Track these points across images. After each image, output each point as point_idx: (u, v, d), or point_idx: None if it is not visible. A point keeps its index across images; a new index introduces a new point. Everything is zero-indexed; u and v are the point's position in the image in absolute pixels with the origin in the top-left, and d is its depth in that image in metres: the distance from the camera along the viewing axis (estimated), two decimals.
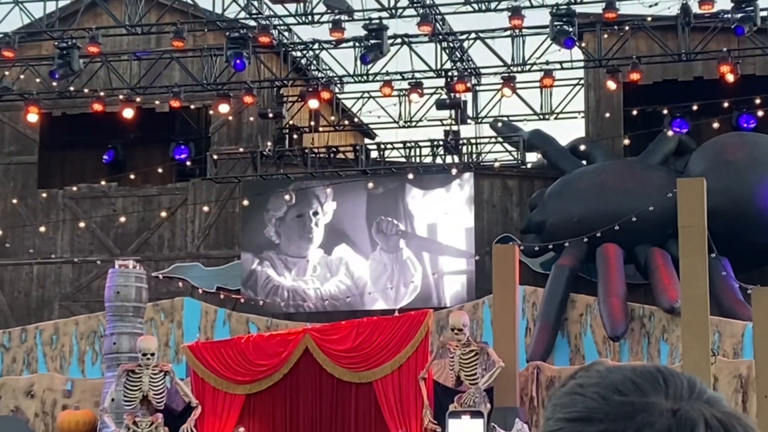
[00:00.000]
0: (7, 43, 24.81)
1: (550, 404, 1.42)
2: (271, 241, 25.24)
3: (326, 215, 25.10)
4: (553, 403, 1.41)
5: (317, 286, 24.83)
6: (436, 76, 25.28)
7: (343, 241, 24.92)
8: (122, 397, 18.84)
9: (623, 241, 22.14)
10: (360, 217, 24.90)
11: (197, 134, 28.37)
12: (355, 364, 19.11)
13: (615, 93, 24.53)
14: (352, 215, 24.92)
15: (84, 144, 28.28)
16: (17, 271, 27.13)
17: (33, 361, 23.93)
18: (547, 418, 1.41)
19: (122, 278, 20.30)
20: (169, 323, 23.78)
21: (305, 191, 25.12)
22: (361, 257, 24.76)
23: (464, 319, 18.96)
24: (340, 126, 28.38)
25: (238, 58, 23.39)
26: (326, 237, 25.04)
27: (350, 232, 24.89)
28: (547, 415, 1.41)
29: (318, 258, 24.97)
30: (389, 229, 24.67)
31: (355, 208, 24.93)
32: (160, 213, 26.53)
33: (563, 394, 1.41)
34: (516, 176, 25.68)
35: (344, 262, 24.80)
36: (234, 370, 19.57)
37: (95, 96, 25.35)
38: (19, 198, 27.27)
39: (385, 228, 24.70)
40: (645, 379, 1.36)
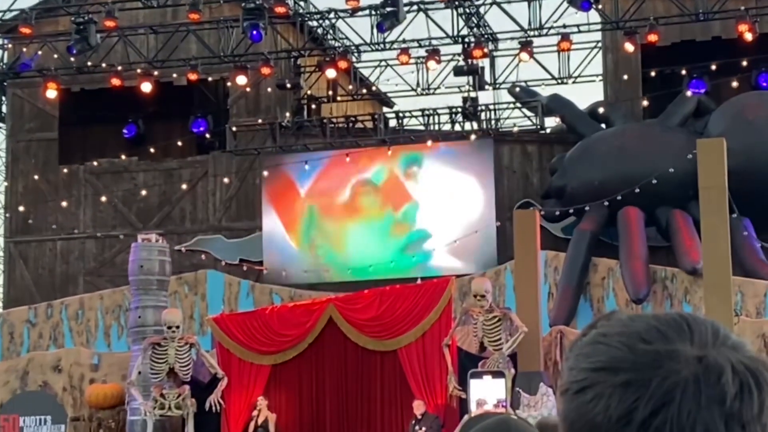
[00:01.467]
0: (24, 19, 24.87)
1: (572, 354, 1.39)
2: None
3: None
4: (575, 353, 1.38)
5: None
6: (453, 42, 25.21)
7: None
8: (149, 370, 18.99)
9: (644, 204, 22.12)
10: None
11: (216, 107, 28.40)
12: (379, 333, 19.19)
13: (633, 55, 24.41)
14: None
15: (103, 119, 28.34)
16: (41, 248, 27.31)
17: (59, 336, 24.13)
18: (570, 368, 1.37)
19: (145, 252, 20.40)
20: (193, 296, 23.93)
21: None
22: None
23: (487, 285, 19.00)
24: (358, 95, 28.36)
25: (254, 29, 23.37)
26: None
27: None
28: (569, 365, 1.38)
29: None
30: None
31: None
32: (181, 186, 26.63)
33: (586, 343, 1.38)
34: (535, 141, 25.64)
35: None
36: (259, 341, 19.68)
37: (113, 71, 25.39)
38: (40, 174, 27.40)
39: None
40: (669, 326, 1.34)
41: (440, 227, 24.47)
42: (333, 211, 25.24)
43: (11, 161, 27.95)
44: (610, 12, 24.07)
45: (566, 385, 1.36)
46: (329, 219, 25.24)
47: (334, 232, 25.22)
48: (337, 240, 25.19)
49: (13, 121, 28.05)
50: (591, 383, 1.32)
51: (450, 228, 24.28)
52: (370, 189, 25.19)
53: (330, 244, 25.17)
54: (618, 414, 1.29)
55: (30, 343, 24.14)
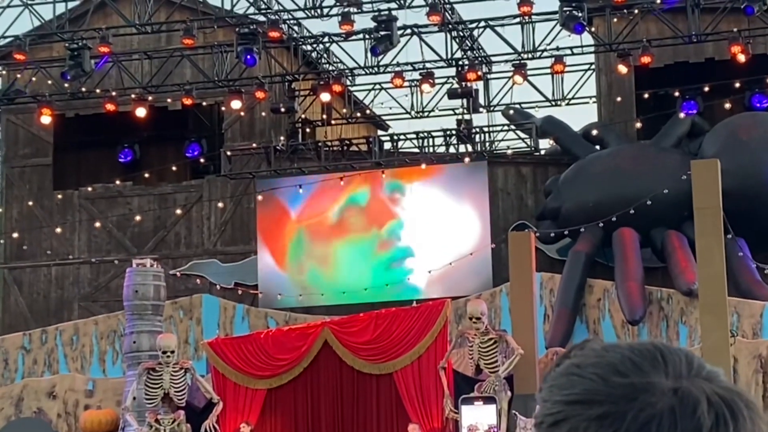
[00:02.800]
0: (18, 45, 24.90)
1: (546, 385, 1.37)
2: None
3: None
4: (549, 384, 1.37)
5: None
6: (447, 65, 25.27)
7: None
8: (144, 396, 18.91)
9: (639, 225, 22.13)
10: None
11: (210, 131, 28.44)
12: (374, 356, 19.14)
13: (626, 77, 24.48)
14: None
15: (98, 144, 28.36)
16: (35, 273, 27.26)
17: (54, 362, 24.06)
18: (543, 399, 1.36)
19: (140, 277, 20.37)
20: (188, 320, 23.88)
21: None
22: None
23: (482, 307, 18.97)
24: (353, 118, 28.40)
25: (248, 54, 23.43)
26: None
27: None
28: (543, 396, 1.36)
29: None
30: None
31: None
32: (176, 211, 26.61)
33: (559, 374, 1.36)
34: (530, 163, 25.66)
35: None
36: (254, 365, 19.62)
37: (107, 96, 25.42)
38: (35, 200, 27.39)
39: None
40: (644, 357, 1.32)
41: (434, 250, 24.45)
42: (321, 233, 25.24)
43: (6, 187, 27.93)
44: (604, 34, 24.15)
45: (540, 418, 1.34)
46: (318, 241, 25.23)
47: (322, 254, 25.20)
48: (324, 261, 25.17)
49: (7, 147, 28.05)
50: (565, 416, 1.31)
51: (444, 250, 24.26)
52: (357, 211, 25.19)
53: (318, 265, 25.15)
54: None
55: (24, 369, 24.06)
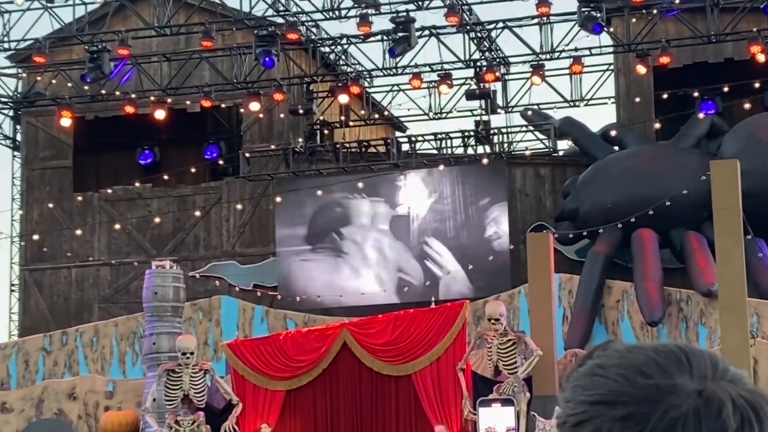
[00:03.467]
0: (38, 48, 25.02)
1: (569, 385, 1.37)
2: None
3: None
4: (572, 384, 1.36)
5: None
6: (465, 66, 25.27)
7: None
8: (163, 397, 18.98)
9: (658, 226, 22.08)
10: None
11: (229, 133, 28.52)
12: (393, 357, 19.16)
13: (645, 77, 24.43)
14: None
15: (117, 146, 28.48)
16: (56, 275, 27.38)
17: (74, 364, 24.15)
18: (566, 399, 1.36)
19: (159, 279, 20.44)
20: (208, 322, 23.94)
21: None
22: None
23: (501, 308, 18.97)
24: (371, 120, 28.43)
25: (267, 56, 23.48)
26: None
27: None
28: (566, 396, 1.36)
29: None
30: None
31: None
32: (195, 213, 26.69)
33: (582, 375, 1.35)
34: (548, 164, 25.64)
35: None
36: (273, 367, 19.66)
37: (127, 98, 25.52)
38: (55, 202, 27.50)
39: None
40: (668, 358, 1.32)
41: (453, 251, 24.45)
42: None
43: (26, 189, 28.06)
44: (622, 35, 24.11)
45: (563, 418, 1.34)
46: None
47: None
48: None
49: (27, 150, 28.18)
50: (589, 417, 1.30)
51: (463, 252, 24.27)
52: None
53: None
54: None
55: (45, 370, 24.16)
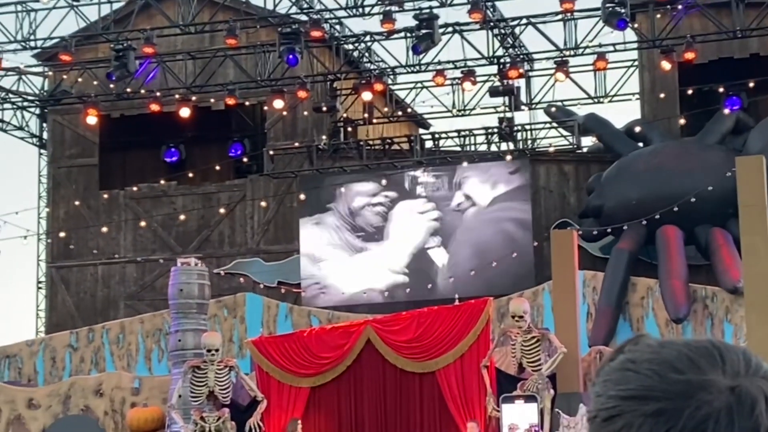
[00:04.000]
0: (64, 46, 25.15)
1: (600, 380, 1.35)
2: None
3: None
4: (603, 378, 1.35)
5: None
6: (489, 63, 25.26)
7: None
8: (189, 393, 19.06)
9: (683, 223, 22.02)
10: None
11: (253, 131, 28.60)
12: (417, 354, 19.18)
13: (670, 73, 24.34)
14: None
15: (142, 144, 28.61)
16: (82, 272, 27.54)
17: (101, 361, 24.30)
18: (597, 394, 1.34)
19: (185, 276, 20.52)
20: (232, 319, 24.03)
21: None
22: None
23: (525, 305, 18.95)
24: (394, 117, 28.44)
25: (290, 54, 23.52)
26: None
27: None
28: (597, 390, 1.35)
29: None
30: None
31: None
32: (220, 210, 26.79)
33: (614, 369, 1.34)
34: (572, 161, 25.60)
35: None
36: (298, 364, 19.72)
37: (152, 96, 25.63)
38: (81, 200, 27.67)
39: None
40: (701, 354, 1.31)
41: (476, 248, 24.45)
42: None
43: (52, 187, 28.24)
44: (647, 30, 24.04)
45: (594, 412, 1.34)
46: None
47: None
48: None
49: (54, 148, 28.36)
50: (620, 411, 1.30)
51: (487, 249, 24.26)
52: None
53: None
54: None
55: (72, 367, 24.32)
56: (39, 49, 26.48)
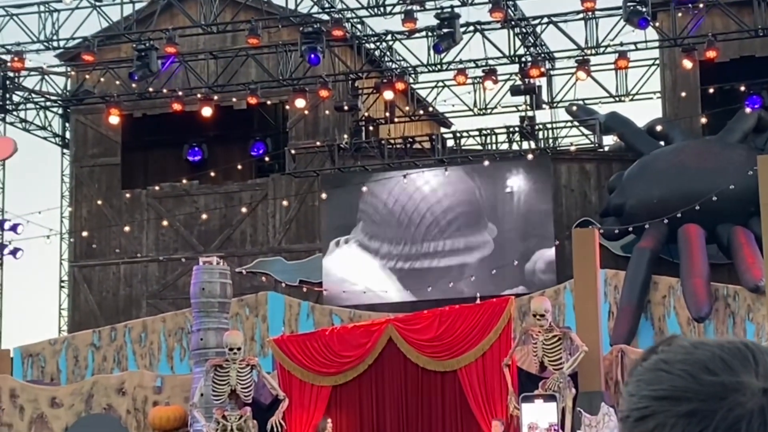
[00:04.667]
0: (86, 46, 25.28)
1: (633, 380, 1.37)
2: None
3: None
4: (636, 378, 1.36)
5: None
6: (510, 62, 25.25)
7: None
8: (211, 392, 19.11)
9: (704, 221, 21.96)
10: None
11: (275, 130, 28.68)
12: (438, 353, 19.20)
13: (691, 72, 24.29)
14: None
15: (165, 144, 28.73)
16: (105, 271, 27.68)
17: (123, 359, 24.41)
18: (630, 393, 1.35)
19: (207, 275, 20.57)
20: (254, 317, 24.10)
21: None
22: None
23: (546, 304, 18.94)
24: (416, 116, 28.48)
25: (312, 53, 23.57)
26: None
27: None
28: (629, 390, 1.36)
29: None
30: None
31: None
32: (242, 209, 26.88)
33: (647, 369, 1.36)
34: (593, 159, 25.57)
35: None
36: (319, 362, 19.76)
37: (174, 96, 25.73)
38: (103, 199, 27.80)
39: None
40: (734, 356, 1.31)
41: (498, 248, 24.46)
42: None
43: (75, 186, 28.38)
44: (668, 29, 23.99)
45: (627, 412, 1.35)
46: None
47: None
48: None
49: (76, 147, 28.51)
50: (653, 412, 1.31)
51: (508, 249, 24.27)
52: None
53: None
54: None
55: (94, 366, 24.44)
56: (62, 49, 26.63)
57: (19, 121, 28.51)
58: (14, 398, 22.05)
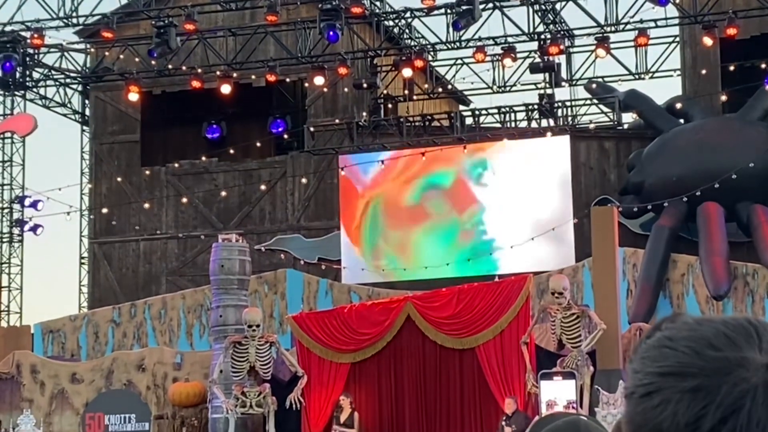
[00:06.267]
0: (105, 23, 25.31)
1: (638, 357, 1.36)
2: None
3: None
4: (640, 355, 1.36)
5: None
6: (529, 39, 25.17)
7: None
8: (230, 369, 19.22)
9: (724, 199, 21.90)
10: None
11: (294, 107, 28.68)
12: (457, 331, 19.23)
13: (711, 49, 24.16)
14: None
15: (184, 121, 28.78)
16: (124, 248, 27.79)
17: (143, 336, 24.55)
18: (635, 370, 1.35)
19: (226, 252, 20.64)
20: (273, 295, 24.18)
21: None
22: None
23: (564, 282, 18.94)
24: (434, 94, 28.44)
25: (331, 30, 23.53)
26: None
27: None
28: (634, 367, 1.36)
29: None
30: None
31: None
32: (261, 186, 26.92)
33: (651, 346, 1.35)
34: (613, 137, 25.50)
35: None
36: (338, 340, 19.83)
37: (193, 73, 25.75)
38: (123, 176, 27.89)
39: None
40: (738, 332, 1.31)
41: (515, 225, 24.45)
42: (399, 215, 25.35)
43: (95, 163, 28.48)
44: (688, 6, 23.86)
45: (632, 389, 1.35)
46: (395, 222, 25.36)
47: (399, 237, 25.33)
48: (401, 245, 25.30)
49: (96, 124, 28.59)
50: (658, 388, 1.32)
51: (526, 226, 24.26)
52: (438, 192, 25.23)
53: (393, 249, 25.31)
54: (686, 420, 1.28)
55: (114, 342, 24.59)
56: (81, 26, 26.67)
57: (39, 98, 28.61)
58: (35, 374, 22.23)
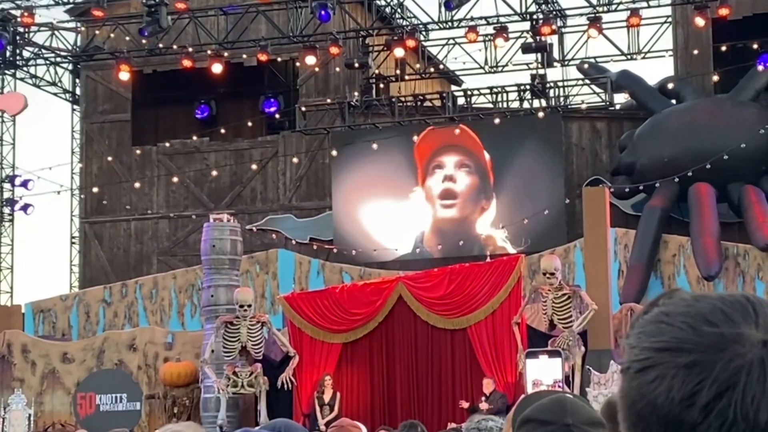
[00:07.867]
0: (96, 2, 25.20)
1: (634, 332, 1.37)
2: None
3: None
4: (637, 331, 1.36)
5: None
6: (521, 19, 25.11)
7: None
8: (221, 349, 19.23)
9: (715, 180, 21.92)
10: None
11: (285, 87, 28.61)
12: (448, 311, 19.26)
13: (703, 29, 24.13)
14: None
15: (175, 100, 28.69)
16: (115, 228, 27.75)
17: (134, 315, 24.53)
18: (631, 345, 1.36)
19: (217, 232, 20.62)
20: (265, 275, 24.17)
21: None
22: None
23: (556, 262, 18.97)
24: (426, 74, 28.38)
25: (323, 9, 23.47)
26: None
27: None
28: (630, 342, 1.36)
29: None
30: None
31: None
32: (252, 166, 26.87)
33: (648, 322, 1.36)
34: (604, 118, 25.49)
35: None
36: (330, 320, 19.85)
37: (184, 52, 25.65)
38: (114, 155, 27.82)
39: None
40: (734, 308, 1.32)
41: (508, 206, 24.45)
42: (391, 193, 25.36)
43: (85, 143, 28.41)
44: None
45: (627, 364, 1.35)
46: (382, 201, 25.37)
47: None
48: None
49: (86, 103, 28.50)
50: (653, 363, 1.31)
51: (518, 207, 24.25)
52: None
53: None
54: (681, 395, 1.28)
55: (105, 322, 24.57)
56: (71, 5, 26.56)
57: (29, 77, 28.50)
58: (26, 353, 22.22)
